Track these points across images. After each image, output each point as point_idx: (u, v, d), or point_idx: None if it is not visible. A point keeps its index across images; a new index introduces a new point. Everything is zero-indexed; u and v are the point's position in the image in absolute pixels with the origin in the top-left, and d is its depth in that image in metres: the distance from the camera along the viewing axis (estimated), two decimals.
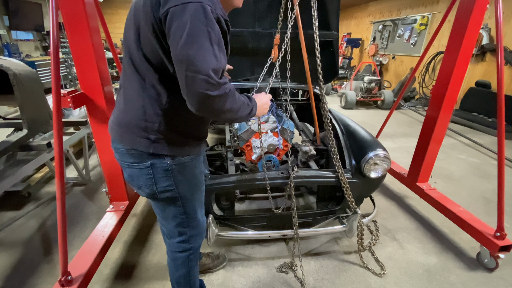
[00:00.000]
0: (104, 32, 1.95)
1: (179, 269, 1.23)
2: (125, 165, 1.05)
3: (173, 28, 0.78)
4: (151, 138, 0.97)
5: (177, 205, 1.09)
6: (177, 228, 1.15)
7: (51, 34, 1.14)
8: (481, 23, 1.75)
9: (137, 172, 1.03)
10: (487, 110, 4.70)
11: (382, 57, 7.36)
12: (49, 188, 2.58)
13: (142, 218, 2.19)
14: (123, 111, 1.00)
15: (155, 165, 1.00)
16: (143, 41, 0.88)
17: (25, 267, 1.71)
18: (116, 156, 1.07)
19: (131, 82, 0.96)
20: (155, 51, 0.88)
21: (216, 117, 0.91)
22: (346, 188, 1.64)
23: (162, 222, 1.18)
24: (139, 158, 1.00)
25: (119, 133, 1.00)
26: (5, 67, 1.78)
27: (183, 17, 0.77)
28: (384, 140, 3.87)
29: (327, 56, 2.26)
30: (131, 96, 0.97)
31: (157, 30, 0.83)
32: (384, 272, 1.70)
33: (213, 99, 0.81)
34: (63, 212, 1.18)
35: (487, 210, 2.38)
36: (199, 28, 0.77)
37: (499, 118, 1.53)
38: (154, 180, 1.02)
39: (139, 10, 0.87)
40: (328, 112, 1.72)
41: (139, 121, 0.96)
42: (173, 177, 1.03)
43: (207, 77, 0.78)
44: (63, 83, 5.74)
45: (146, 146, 0.97)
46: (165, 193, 1.05)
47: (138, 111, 0.96)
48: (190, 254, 1.22)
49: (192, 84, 0.79)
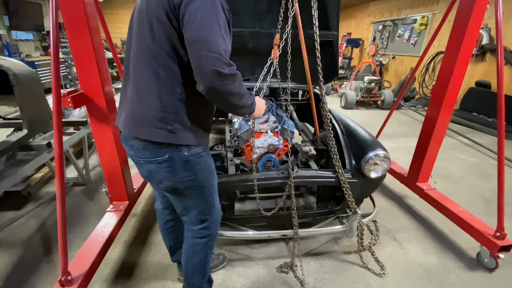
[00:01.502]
0: (104, 32, 1.95)
1: (197, 255, 1.27)
2: (142, 162, 1.07)
3: (187, 14, 0.86)
4: (168, 129, 0.99)
5: (197, 193, 1.14)
6: (198, 216, 1.20)
7: (51, 34, 1.14)
8: (481, 23, 1.75)
9: (155, 167, 1.05)
10: (487, 110, 4.70)
11: (382, 57, 7.36)
12: (49, 188, 2.58)
13: (142, 218, 2.19)
14: (138, 105, 1.00)
15: (173, 158, 1.03)
16: (158, 33, 0.93)
17: (25, 267, 1.71)
18: (131, 153, 1.09)
19: (145, 76, 0.98)
20: (169, 40, 0.93)
21: (223, 100, 0.94)
22: (346, 188, 1.64)
23: (183, 213, 1.22)
24: (156, 153, 1.02)
25: (136, 127, 1.01)
26: (5, 67, 1.78)
27: (195, 4, 0.86)
28: (384, 140, 3.87)
29: (327, 56, 2.26)
30: (146, 89, 0.99)
31: (172, 17, 0.90)
32: (384, 272, 1.70)
33: (225, 77, 0.87)
34: (63, 212, 1.18)
35: (487, 210, 2.38)
36: (210, 14, 0.86)
37: (499, 118, 1.53)
38: (174, 172, 1.05)
39: (152, 5, 0.93)
40: (328, 112, 1.72)
41: (156, 112, 0.98)
42: (191, 167, 1.07)
43: (219, 55, 0.85)
44: (63, 83, 5.74)
45: (164, 137, 0.99)
46: (185, 183, 1.09)
47: (155, 102, 0.97)
48: (209, 240, 1.27)
49: (206, 62, 0.84)
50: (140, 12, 0.98)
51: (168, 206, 1.41)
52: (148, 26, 0.95)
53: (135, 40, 1.00)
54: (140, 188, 2.16)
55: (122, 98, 1.11)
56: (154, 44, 0.95)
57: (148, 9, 0.95)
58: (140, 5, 1.00)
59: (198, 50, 0.85)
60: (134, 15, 1.04)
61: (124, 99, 1.08)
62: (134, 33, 1.01)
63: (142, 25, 0.97)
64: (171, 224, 1.45)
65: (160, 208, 1.43)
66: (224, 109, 1.02)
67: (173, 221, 1.45)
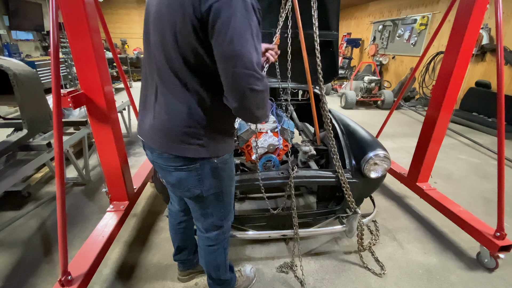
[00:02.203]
0: (104, 32, 1.95)
1: (219, 257, 1.29)
2: (171, 169, 1.04)
3: (218, 24, 0.77)
4: (199, 144, 0.97)
5: (219, 200, 1.14)
6: (215, 222, 1.20)
7: (51, 34, 1.14)
8: (481, 23, 1.75)
9: (185, 175, 1.03)
10: (487, 110, 4.70)
11: (382, 57, 7.36)
12: (49, 188, 2.58)
13: (142, 218, 2.19)
14: (165, 119, 0.96)
15: (203, 165, 1.02)
16: (182, 44, 0.85)
17: (25, 267, 1.71)
18: (159, 161, 1.05)
19: (171, 88, 0.93)
20: (195, 52, 0.85)
21: (250, 114, 0.90)
22: (346, 188, 1.64)
23: (200, 219, 1.22)
24: (188, 160, 1.00)
25: (165, 143, 0.98)
26: (5, 67, 1.78)
27: (226, 12, 0.76)
28: (384, 140, 3.87)
29: (327, 56, 2.25)
30: (174, 104, 0.94)
31: (197, 28, 0.81)
32: (384, 272, 1.70)
33: (258, 94, 0.83)
34: (63, 212, 1.18)
35: (487, 210, 2.38)
36: (243, 23, 0.77)
37: (499, 118, 1.53)
38: (202, 179, 1.05)
39: (174, 12, 0.83)
40: (328, 112, 1.72)
41: (186, 128, 0.94)
42: (218, 174, 1.07)
43: (253, 71, 0.80)
44: (63, 83, 5.74)
45: (197, 153, 0.98)
46: (210, 190, 1.09)
47: (184, 118, 0.93)
48: (225, 242, 1.29)
49: (240, 79, 0.80)
50: (160, 20, 0.88)
51: (184, 209, 1.41)
52: (171, 36, 0.86)
53: (157, 50, 0.92)
54: (140, 188, 2.16)
55: (146, 106, 1.04)
56: (178, 58, 0.88)
57: (169, 16, 0.85)
58: (158, 12, 0.89)
59: (232, 67, 0.79)
60: (149, 21, 0.95)
61: (149, 109, 1.01)
62: (155, 42, 0.92)
63: (164, 35, 0.88)
64: (183, 225, 1.45)
65: (176, 210, 1.42)
66: (244, 120, 1.02)
67: (185, 222, 1.45)
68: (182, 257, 1.55)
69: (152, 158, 1.09)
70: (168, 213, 1.48)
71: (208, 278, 1.38)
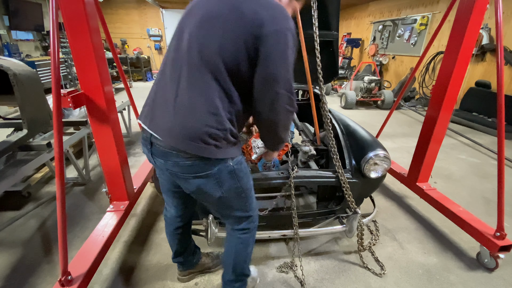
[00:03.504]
0: (104, 32, 1.95)
1: (249, 247, 1.32)
2: (190, 177, 1.05)
3: (271, 48, 0.90)
4: (216, 145, 0.99)
5: (241, 196, 1.17)
6: (243, 214, 1.24)
7: (51, 34, 1.14)
8: (481, 23, 1.75)
9: (204, 181, 1.05)
10: (487, 110, 4.70)
11: (382, 57, 7.36)
12: (49, 188, 2.58)
13: (142, 218, 2.19)
14: (190, 118, 0.95)
15: (221, 170, 1.04)
16: (230, 53, 0.92)
17: (25, 267, 1.71)
18: (176, 170, 1.04)
19: (201, 88, 0.95)
20: (237, 61, 0.93)
21: (276, 133, 1.09)
22: (346, 188, 1.64)
23: (227, 216, 1.25)
24: (205, 167, 1.02)
25: (185, 140, 0.96)
26: (5, 67, 1.78)
27: (281, 41, 0.91)
28: (384, 140, 3.87)
29: (327, 56, 2.26)
30: (202, 104, 0.95)
31: (249, 44, 0.90)
32: (384, 272, 1.70)
33: (289, 114, 1.01)
34: (63, 212, 1.18)
35: (487, 210, 2.38)
36: (290, 53, 0.93)
37: (499, 118, 1.53)
38: (221, 183, 1.07)
39: (232, 22, 0.91)
40: (328, 112, 1.72)
41: (209, 128, 0.96)
42: (236, 175, 1.09)
43: (292, 95, 0.97)
44: (63, 83, 5.74)
45: (212, 153, 0.99)
46: (231, 191, 1.11)
47: (209, 118, 0.95)
48: (254, 229, 1.32)
49: (280, 99, 0.95)
50: (210, 24, 0.93)
51: (181, 214, 1.40)
52: (219, 40, 0.92)
53: (194, 47, 0.95)
54: (140, 188, 2.16)
55: (162, 102, 1.01)
56: (218, 60, 0.92)
57: (225, 24, 0.91)
58: (211, 16, 0.94)
59: (275, 87, 0.93)
60: (191, 20, 0.99)
61: (167, 105, 0.99)
62: (195, 37, 0.95)
63: (210, 38, 0.93)
64: (180, 230, 1.45)
65: (172, 216, 1.42)
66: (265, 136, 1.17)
67: (183, 227, 1.45)
68: (181, 259, 1.55)
69: (166, 167, 1.06)
70: (164, 219, 1.47)
71: (230, 274, 1.35)
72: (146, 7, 9.19)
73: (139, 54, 9.22)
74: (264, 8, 0.91)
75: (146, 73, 9.38)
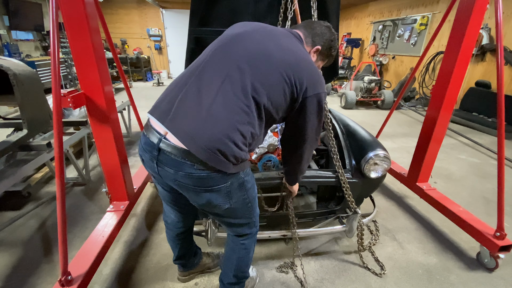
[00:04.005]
0: (104, 32, 1.95)
1: (251, 251, 1.34)
2: (201, 190, 1.01)
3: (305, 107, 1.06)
4: (234, 163, 0.99)
5: (248, 206, 1.18)
6: (247, 221, 1.24)
7: (51, 34, 1.14)
8: (481, 23, 1.75)
9: (215, 195, 1.04)
10: (487, 110, 4.70)
11: (382, 57, 7.35)
12: (49, 188, 2.58)
13: (142, 218, 2.19)
14: (219, 129, 0.93)
15: (233, 183, 1.05)
16: (275, 92, 1.00)
17: (25, 267, 1.71)
18: (186, 182, 0.99)
19: (239, 108, 0.95)
20: (278, 105, 1.03)
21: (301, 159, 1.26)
22: (346, 188, 1.64)
23: (231, 225, 1.25)
24: (220, 180, 1.00)
25: (206, 149, 0.91)
26: (5, 67, 1.78)
27: (313, 102, 1.06)
28: (384, 140, 3.87)
29: None
30: (234, 119, 0.94)
31: (289, 93, 1.03)
32: (384, 272, 1.70)
33: (310, 158, 1.30)
34: (63, 212, 1.18)
35: (487, 210, 2.38)
36: (322, 114, 1.12)
37: (499, 118, 1.53)
38: (231, 195, 1.07)
39: (285, 64, 1.01)
40: (328, 112, 1.72)
41: (234, 146, 0.94)
42: (244, 187, 1.10)
43: (315, 146, 1.26)
44: (63, 83, 5.74)
45: (230, 168, 0.98)
46: (239, 202, 1.11)
47: (237, 137, 0.95)
48: (255, 235, 1.34)
49: (308, 151, 1.23)
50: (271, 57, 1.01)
51: (182, 220, 1.39)
52: (271, 78, 0.99)
53: (247, 69, 0.98)
54: (140, 188, 2.16)
55: (193, 105, 0.95)
56: (264, 94, 0.98)
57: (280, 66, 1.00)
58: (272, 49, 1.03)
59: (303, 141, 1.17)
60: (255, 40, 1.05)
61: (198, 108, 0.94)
62: (252, 60, 1.00)
63: (266, 70, 0.99)
64: (182, 236, 1.44)
65: (173, 221, 1.40)
66: (289, 163, 1.32)
67: (184, 233, 1.44)
68: (183, 261, 1.55)
69: (175, 178, 0.99)
70: (165, 225, 1.45)
71: (231, 277, 1.34)
72: (146, 7, 9.18)
73: (139, 54, 9.21)
74: (309, 72, 1.04)
75: (146, 73, 9.38)
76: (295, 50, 1.06)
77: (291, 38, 1.12)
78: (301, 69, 1.02)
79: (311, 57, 1.16)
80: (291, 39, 1.12)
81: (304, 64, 1.04)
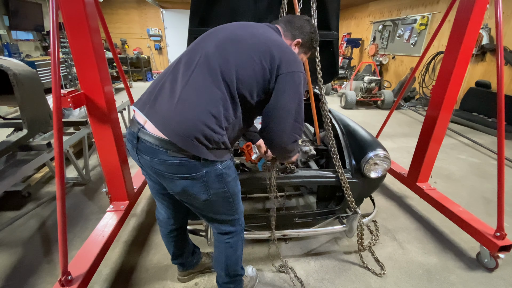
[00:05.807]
0: (104, 32, 1.95)
1: (238, 248, 1.33)
2: (175, 177, 1.03)
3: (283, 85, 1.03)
4: (209, 147, 0.99)
5: (229, 201, 1.17)
6: (229, 217, 1.24)
7: (51, 34, 1.14)
8: (481, 23, 1.75)
9: (190, 183, 1.04)
10: (487, 110, 4.70)
11: (382, 57, 7.36)
12: (49, 188, 2.58)
13: (142, 218, 2.19)
14: (189, 112, 0.96)
15: (209, 173, 1.04)
16: (245, 73, 1.01)
17: (25, 267, 1.71)
18: (161, 168, 1.02)
19: (209, 90, 0.98)
20: (251, 86, 1.03)
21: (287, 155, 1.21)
22: (346, 188, 1.64)
23: (213, 220, 1.25)
24: (193, 168, 1.01)
25: (177, 132, 0.95)
26: (5, 67, 1.78)
27: (293, 78, 1.04)
28: (384, 140, 3.87)
29: (327, 56, 2.25)
30: (203, 101, 0.98)
31: (261, 73, 1.02)
32: (384, 272, 1.70)
33: (297, 143, 1.14)
34: (63, 212, 1.18)
35: (487, 210, 2.38)
36: (301, 88, 1.07)
37: (499, 118, 1.53)
38: (208, 185, 1.06)
39: (256, 46, 1.03)
40: (328, 112, 1.72)
41: (206, 128, 0.96)
42: (223, 179, 1.09)
43: (302, 126, 1.11)
44: (63, 83, 5.74)
45: (203, 153, 0.99)
46: (218, 194, 1.11)
47: (208, 119, 0.97)
48: (242, 233, 1.32)
49: (293, 130, 1.08)
50: (237, 40, 1.04)
51: (173, 216, 1.39)
52: (239, 60, 1.01)
53: (216, 55, 1.02)
54: (140, 188, 2.16)
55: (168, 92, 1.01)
56: (234, 77, 1.00)
57: (251, 50, 1.02)
58: (242, 35, 1.06)
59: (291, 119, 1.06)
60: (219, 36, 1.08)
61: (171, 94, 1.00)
62: (220, 47, 1.03)
63: (234, 53, 1.01)
64: (175, 233, 1.44)
65: (164, 218, 1.41)
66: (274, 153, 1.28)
67: (177, 230, 1.44)
68: (180, 261, 1.55)
69: (152, 165, 1.04)
70: (158, 222, 1.46)
71: (224, 277, 1.36)
72: (146, 7, 9.18)
73: (139, 54, 9.21)
74: (281, 52, 1.04)
75: (146, 73, 9.38)
76: (269, 35, 1.09)
77: (268, 29, 1.15)
78: (273, 50, 1.03)
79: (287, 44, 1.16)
80: (268, 30, 1.14)
81: (277, 44, 1.06)
